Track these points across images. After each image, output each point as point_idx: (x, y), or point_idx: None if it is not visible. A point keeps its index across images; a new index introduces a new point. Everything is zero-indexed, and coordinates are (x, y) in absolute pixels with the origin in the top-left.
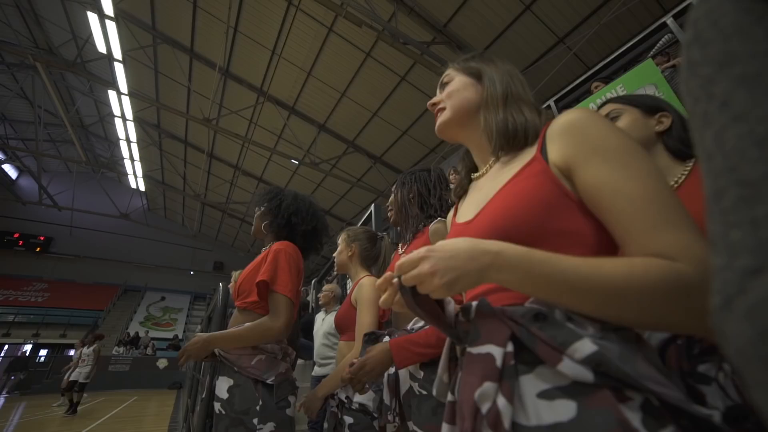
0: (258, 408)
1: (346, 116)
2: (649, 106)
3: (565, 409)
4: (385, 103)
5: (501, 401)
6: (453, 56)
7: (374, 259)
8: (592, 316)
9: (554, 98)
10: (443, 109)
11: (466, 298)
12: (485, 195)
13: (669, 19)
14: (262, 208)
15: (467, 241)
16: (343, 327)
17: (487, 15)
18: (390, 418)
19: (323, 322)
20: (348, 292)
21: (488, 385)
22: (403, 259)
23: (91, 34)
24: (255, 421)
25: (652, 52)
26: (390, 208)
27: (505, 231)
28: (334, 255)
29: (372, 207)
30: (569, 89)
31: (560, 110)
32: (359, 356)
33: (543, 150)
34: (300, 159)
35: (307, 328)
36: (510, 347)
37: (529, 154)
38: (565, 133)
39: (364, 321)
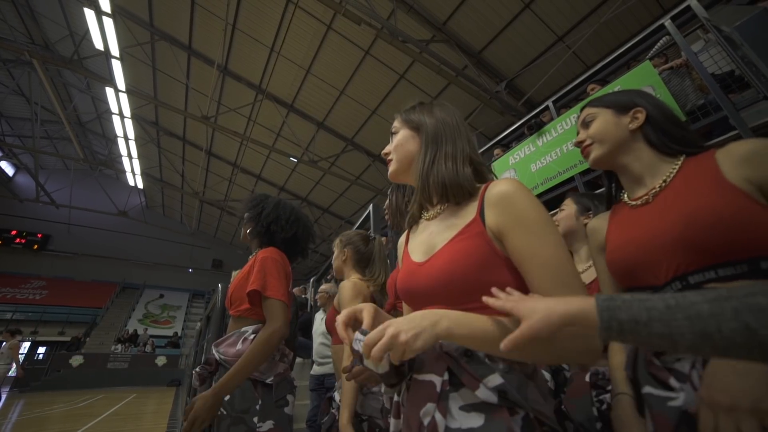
0: (258, 407)
1: (345, 114)
2: (621, 105)
3: (477, 419)
4: (383, 102)
5: (438, 416)
6: (452, 54)
7: (368, 261)
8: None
9: (552, 99)
10: (391, 159)
11: None
12: (434, 241)
13: (667, 21)
14: (250, 219)
15: (419, 312)
16: (333, 330)
17: (486, 13)
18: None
19: (321, 322)
20: None
21: (430, 405)
22: (368, 336)
23: (88, 31)
24: (255, 419)
25: (650, 54)
26: (386, 211)
27: (451, 280)
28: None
29: (371, 206)
30: (567, 90)
31: (558, 111)
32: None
33: (482, 213)
34: (299, 157)
35: (305, 327)
36: (446, 376)
37: (471, 213)
38: (498, 203)
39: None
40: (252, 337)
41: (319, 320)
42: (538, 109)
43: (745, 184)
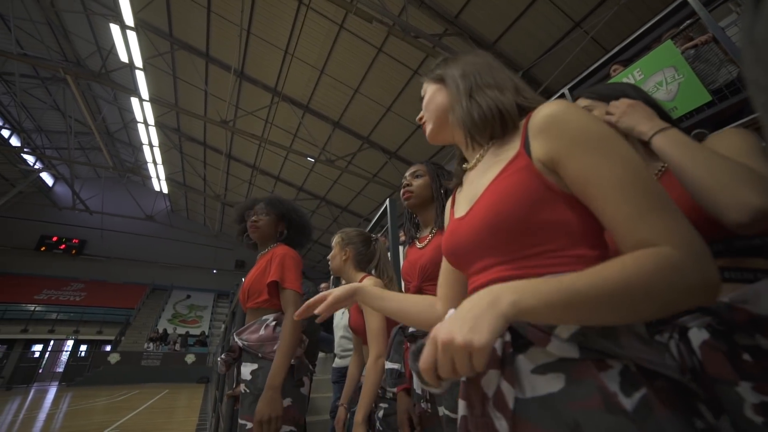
0: None
1: (359, 112)
2: (614, 98)
3: (555, 381)
4: (398, 98)
5: (504, 385)
6: (466, 47)
7: (368, 262)
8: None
9: (568, 86)
10: (425, 121)
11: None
12: (475, 190)
13: None
14: (271, 216)
15: (484, 300)
16: (360, 332)
17: (499, 3)
18: (423, 405)
19: (343, 316)
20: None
21: (492, 373)
22: (422, 361)
23: (113, 45)
24: None
25: (670, 33)
26: (412, 190)
27: (495, 226)
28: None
29: (387, 201)
30: (584, 76)
31: (574, 99)
32: (386, 356)
33: (526, 145)
34: (316, 157)
35: (327, 322)
36: (507, 337)
37: (513, 148)
38: (545, 128)
39: (373, 326)
40: (273, 323)
41: (340, 315)
42: (553, 98)
43: None
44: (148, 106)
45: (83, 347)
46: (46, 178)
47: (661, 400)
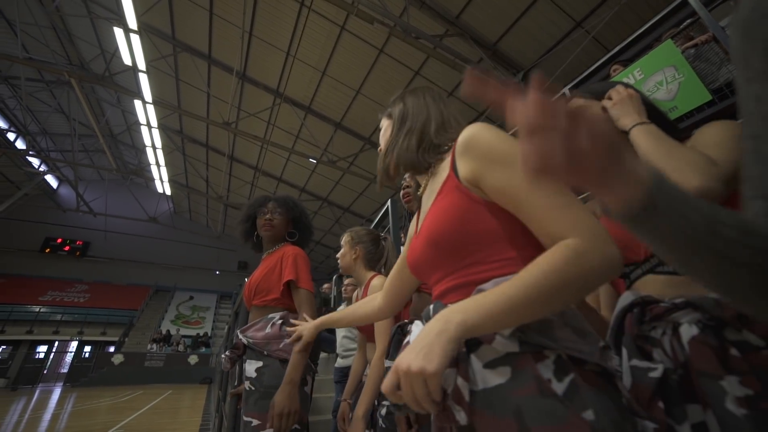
0: None
1: (361, 113)
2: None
3: (503, 374)
4: None
5: (459, 381)
6: (467, 48)
7: (378, 260)
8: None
9: (569, 86)
10: (382, 151)
11: (433, 298)
12: (424, 212)
13: None
14: (284, 216)
15: (435, 328)
16: (365, 329)
17: (500, 3)
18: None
19: None
20: (360, 294)
21: (449, 371)
22: (384, 388)
23: (117, 48)
24: None
25: (670, 33)
26: (411, 192)
27: (436, 243)
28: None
29: (389, 201)
30: (584, 76)
31: (570, 98)
32: (386, 355)
33: (455, 167)
34: (318, 158)
35: None
36: None
37: (445, 171)
38: (465, 150)
39: (381, 325)
40: (280, 322)
41: None
42: (554, 97)
43: None
44: (151, 108)
45: (87, 348)
46: (51, 180)
47: (587, 381)
